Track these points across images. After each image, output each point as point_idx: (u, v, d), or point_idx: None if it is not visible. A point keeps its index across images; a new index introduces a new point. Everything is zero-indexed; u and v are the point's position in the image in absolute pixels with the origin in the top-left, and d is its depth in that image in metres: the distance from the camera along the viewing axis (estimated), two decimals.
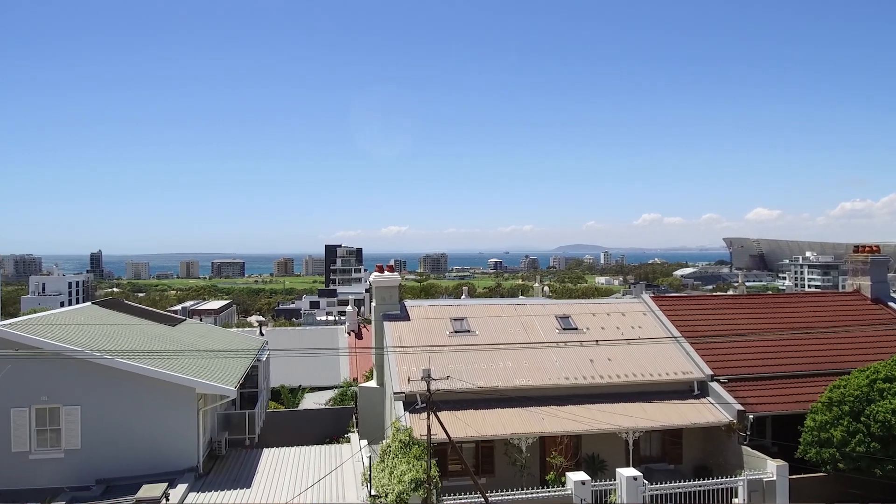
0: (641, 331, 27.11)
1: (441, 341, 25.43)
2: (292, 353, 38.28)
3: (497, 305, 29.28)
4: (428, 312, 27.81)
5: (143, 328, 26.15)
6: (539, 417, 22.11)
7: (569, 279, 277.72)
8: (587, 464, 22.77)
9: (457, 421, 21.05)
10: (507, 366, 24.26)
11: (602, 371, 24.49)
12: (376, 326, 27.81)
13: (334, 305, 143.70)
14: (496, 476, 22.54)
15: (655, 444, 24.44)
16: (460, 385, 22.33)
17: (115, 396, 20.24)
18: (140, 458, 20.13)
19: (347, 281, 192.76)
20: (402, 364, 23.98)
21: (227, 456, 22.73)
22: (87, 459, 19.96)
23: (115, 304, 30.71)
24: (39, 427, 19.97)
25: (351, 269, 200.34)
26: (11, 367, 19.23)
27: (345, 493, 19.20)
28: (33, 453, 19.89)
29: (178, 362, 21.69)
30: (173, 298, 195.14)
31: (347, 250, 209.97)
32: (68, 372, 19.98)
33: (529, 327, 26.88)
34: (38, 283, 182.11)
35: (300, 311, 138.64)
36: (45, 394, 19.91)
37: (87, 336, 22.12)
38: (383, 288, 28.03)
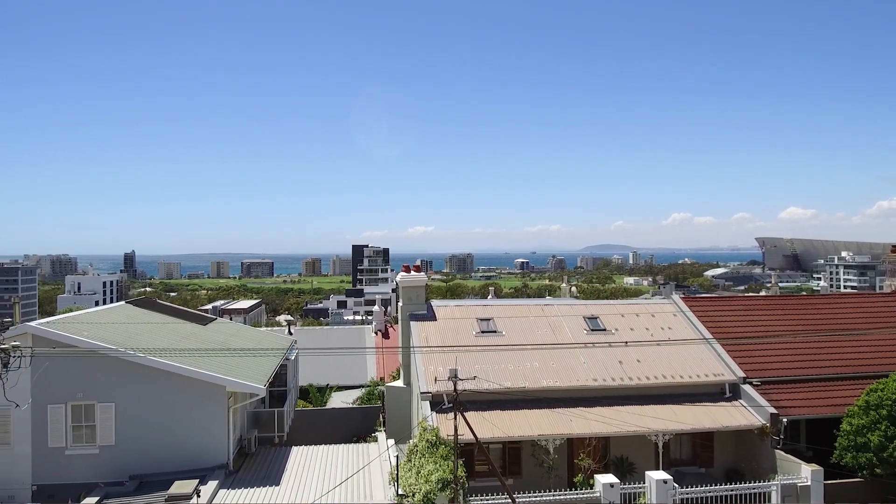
0: (671, 332, 26.74)
1: (468, 341, 25.40)
2: (320, 353, 38.61)
3: (524, 306, 29.18)
4: (454, 312, 27.82)
5: (175, 327, 26.61)
6: (567, 419, 21.95)
7: (597, 279, 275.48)
8: (616, 466, 22.53)
9: (483, 421, 21.02)
10: (535, 366, 24.13)
11: (631, 372, 24.21)
12: (403, 326, 27.90)
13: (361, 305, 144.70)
14: (523, 477, 22.44)
15: (686, 447, 24.08)
16: (487, 385, 22.27)
17: (148, 394, 20.64)
18: (172, 455, 20.49)
19: (374, 281, 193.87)
20: (428, 364, 24.02)
21: (256, 453, 23.01)
22: (121, 455, 20.39)
23: (148, 303, 31.31)
24: (75, 423, 20.47)
25: (377, 269, 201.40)
26: (48, 364, 19.70)
27: (372, 492, 19.29)
28: (69, 449, 20.39)
29: (209, 361, 22.04)
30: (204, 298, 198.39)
31: (374, 250, 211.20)
32: (103, 370, 20.42)
33: (557, 328, 26.70)
34: (74, 282, 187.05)
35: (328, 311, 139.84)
36: (81, 391, 20.39)
37: (121, 335, 22.59)
38: (410, 288, 28.12)
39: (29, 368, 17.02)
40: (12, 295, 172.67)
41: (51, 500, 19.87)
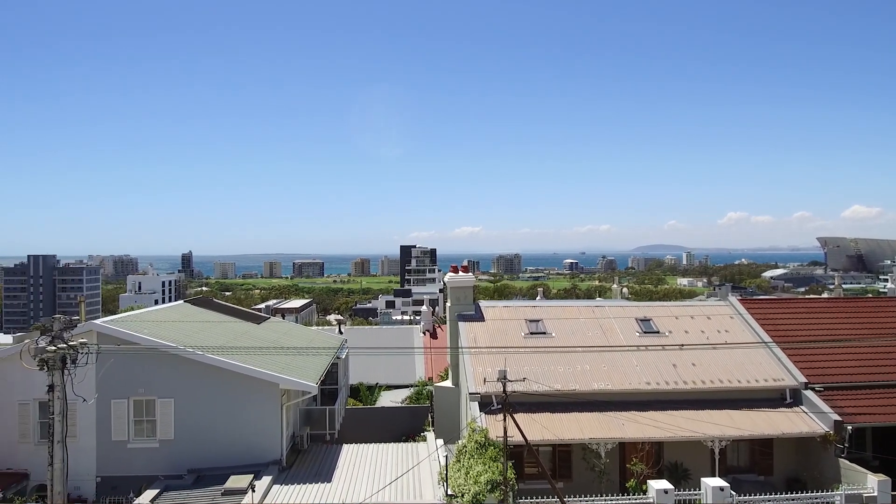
0: (728, 335, 25.98)
1: (516, 343, 25.27)
2: (370, 352, 39.07)
3: (574, 307, 28.83)
4: (503, 313, 27.71)
5: (230, 325, 27.37)
6: (619, 423, 21.58)
7: (648, 280, 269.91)
8: (670, 472, 22.03)
9: (533, 423, 20.88)
10: (585, 369, 23.82)
11: (686, 376, 23.63)
12: (451, 327, 27.96)
13: (409, 305, 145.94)
14: (573, 481, 22.17)
15: (743, 453, 23.35)
16: (536, 387, 22.11)
17: (206, 390, 21.30)
18: (227, 450, 21.09)
19: (422, 281, 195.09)
20: (477, 365, 24.00)
21: (308, 450, 23.44)
22: (180, 449, 21.10)
23: (205, 302, 32.32)
24: (137, 418, 21.30)
25: (425, 270, 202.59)
26: (112, 360, 20.53)
27: (422, 492, 19.39)
28: (131, 442, 21.22)
29: (263, 359, 22.59)
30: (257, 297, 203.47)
31: (422, 251, 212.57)
32: (163, 366, 21.18)
33: (608, 330, 26.29)
34: (135, 282, 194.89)
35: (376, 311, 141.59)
36: (142, 386, 21.20)
37: (179, 332, 23.38)
38: (458, 288, 28.16)
39: (94, 365, 17.76)
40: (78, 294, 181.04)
41: (114, 491, 20.72)
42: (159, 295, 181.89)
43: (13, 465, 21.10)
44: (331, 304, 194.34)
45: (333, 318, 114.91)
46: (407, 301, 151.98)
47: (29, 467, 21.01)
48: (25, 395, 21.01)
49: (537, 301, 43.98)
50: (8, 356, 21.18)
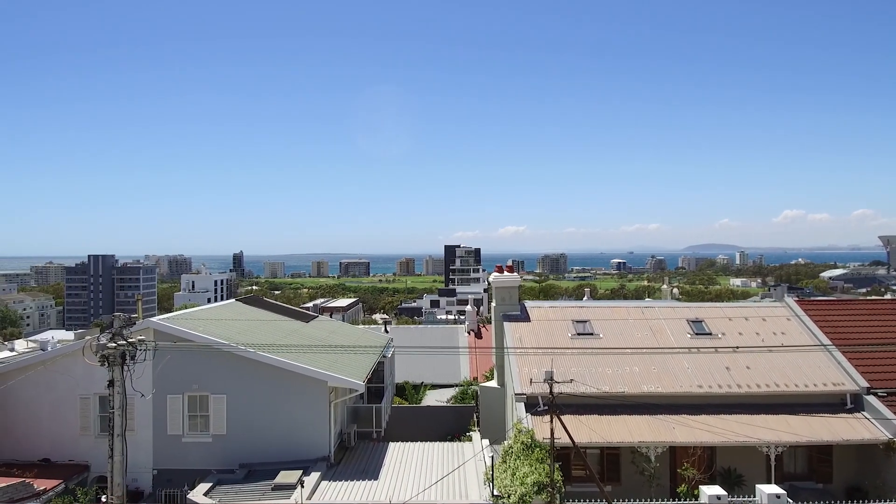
0: (785, 337, 25.13)
1: (563, 343, 25.01)
2: (415, 351, 39.30)
3: (622, 307, 28.35)
4: (549, 314, 27.47)
5: (280, 324, 27.96)
6: (669, 426, 21.12)
7: (700, 281, 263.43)
8: (723, 478, 21.44)
9: (580, 425, 20.63)
10: (634, 371, 23.39)
11: (740, 380, 22.96)
12: (496, 326, 27.87)
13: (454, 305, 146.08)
14: (622, 485, 21.81)
15: (801, 460, 22.55)
16: (584, 389, 21.82)
17: (256, 387, 21.80)
18: (277, 446, 21.54)
19: (466, 281, 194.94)
20: (523, 365, 23.85)
21: (355, 447, 23.73)
22: (232, 444, 21.66)
23: (256, 300, 33.09)
24: (191, 413, 21.96)
25: (469, 269, 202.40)
26: (167, 357, 21.21)
27: (467, 492, 19.39)
28: (186, 436, 21.89)
29: (312, 357, 22.98)
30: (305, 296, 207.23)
31: (466, 250, 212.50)
32: (216, 363, 21.78)
33: (658, 331, 25.76)
34: (189, 281, 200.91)
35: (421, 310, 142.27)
36: (196, 382, 21.84)
37: (231, 330, 24.01)
38: (503, 288, 28.05)
39: (151, 361, 18.37)
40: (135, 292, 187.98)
41: (169, 484, 21.40)
42: (212, 293, 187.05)
43: (74, 456, 22.02)
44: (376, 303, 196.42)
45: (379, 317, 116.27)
46: (451, 301, 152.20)
47: (89, 459, 21.90)
48: (86, 389, 21.90)
49: (584, 301, 43.43)
50: (70, 352, 22.14)
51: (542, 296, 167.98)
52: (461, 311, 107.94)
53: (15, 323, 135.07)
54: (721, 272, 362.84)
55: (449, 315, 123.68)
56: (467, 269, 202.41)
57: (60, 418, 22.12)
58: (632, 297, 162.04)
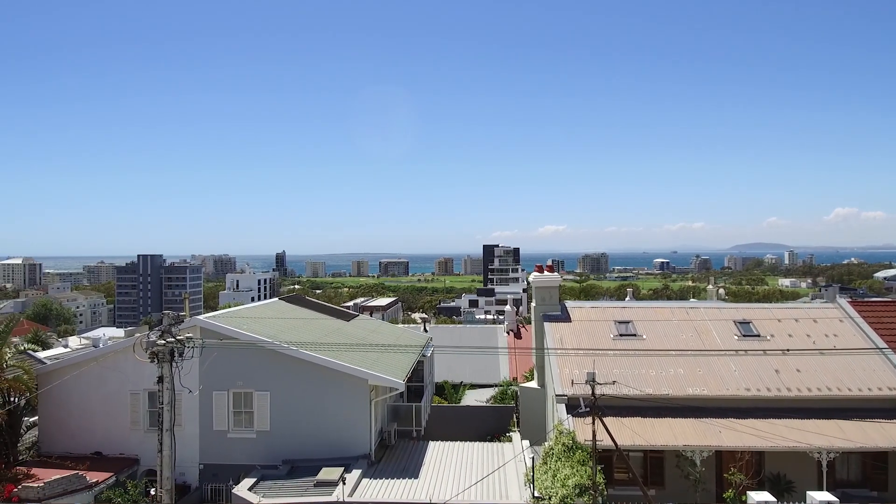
0: (837, 340, 24.28)
1: (605, 344, 24.68)
2: (454, 350, 39.33)
3: (666, 308, 27.80)
4: (590, 314, 27.14)
5: (322, 322, 28.37)
6: (715, 430, 20.63)
7: (747, 281, 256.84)
8: (771, 483, 20.84)
9: (623, 428, 20.32)
10: (679, 373, 22.93)
11: (789, 383, 22.28)
12: (536, 327, 27.68)
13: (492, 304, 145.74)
14: (666, 489, 21.41)
15: (854, 467, 21.75)
16: (627, 391, 21.51)
17: (300, 384, 22.15)
18: (319, 443, 21.85)
19: (505, 280, 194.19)
20: (563, 366, 23.63)
21: (395, 446, 23.90)
22: (275, 441, 22.07)
23: (298, 299, 33.64)
24: (236, 409, 22.46)
25: (508, 269, 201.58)
26: (214, 354, 21.72)
27: (508, 492, 19.33)
28: (231, 432, 22.39)
29: (353, 355, 23.24)
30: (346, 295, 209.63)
31: (505, 250, 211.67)
32: (259, 360, 22.22)
33: (703, 332, 25.20)
34: (234, 280, 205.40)
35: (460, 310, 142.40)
36: (241, 379, 22.32)
37: (274, 328, 24.46)
38: (543, 288, 27.82)
39: (198, 358, 18.83)
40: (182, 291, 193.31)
41: (214, 479, 21.93)
42: (255, 292, 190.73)
43: (125, 450, 22.77)
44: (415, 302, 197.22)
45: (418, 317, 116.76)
46: (490, 300, 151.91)
47: (139, 453, 22.61)
48: (136, 385, 22.61)
49: (626, 301, 42.74)
50: (122, 349, 22.89)
51: (582, 296, 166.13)
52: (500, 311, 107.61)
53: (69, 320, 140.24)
54: (769, 272, 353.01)
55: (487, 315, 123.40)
56: (506, 269, 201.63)
57: (112, 413, 22.89)
58: (676, 297, 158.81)
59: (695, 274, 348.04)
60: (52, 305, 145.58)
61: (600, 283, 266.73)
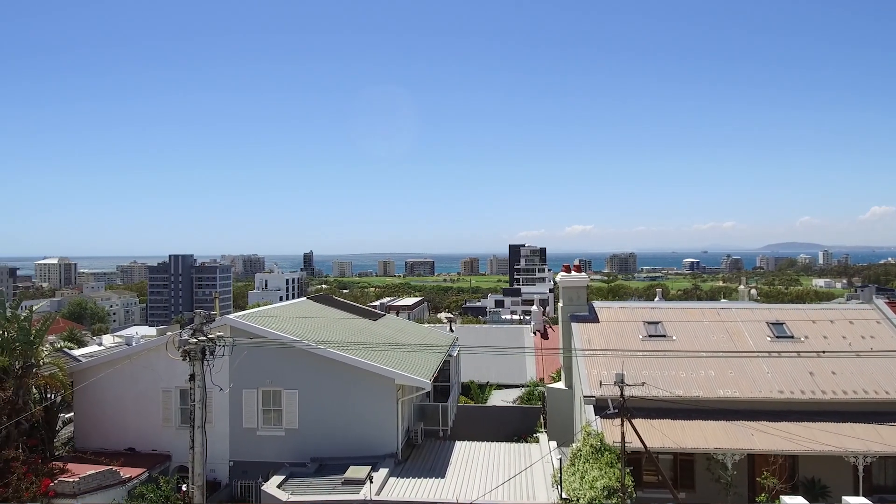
0: (874, 342, 23.69)
1: (633, 345, 24.42)
2: (480, 350, 39.28)
3: (696, 309, 27.40)
4: (618, 315, 26.88)
5: (349, 322, 28.56)
6: (747, 433, 20.28)
7: (779, 281, 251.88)
8: (805, 488, 20.41)
9: (652, 430, 20.10)
10: (710, 375, 22.59)
11: (824, 385, 21.80)
12: (563, 327, 27.50)
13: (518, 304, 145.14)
14: (696, 492, 21.12)
15: (892, 472, 21.19)
16: (656, 392, 21.27)
17: (327, 383, 22.34)
18: (347, 441, 22.00)
19: (531, 280, 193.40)
20: (591, 367, 23.44)
21: (422, 445, 23.96)
22: (303, 439, 22.28)
23: (325, 299, 33.94)
24: (265, 407, 22.72)
25: (534, 269, 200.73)
26: (244, 352, 22.01)
27: (535, 493, 19.24)
28: (260, 430, 22.67)
29: (379, 354, 23.35)
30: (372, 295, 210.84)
31: (531, 250, 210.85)
32: (288, 359, 22.45)
33: (735, 334, 24.78)
34: (262, 279, 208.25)
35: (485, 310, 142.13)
36: (270, 378, 22.58)
37: (302, 327, 24.69)
38: (570, 288, 27.64)
39: (228, 356, 19.07)
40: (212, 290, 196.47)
41: (244, 476, 22.23)
42: (283, 292, 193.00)
43: (157, 446, 23.21)
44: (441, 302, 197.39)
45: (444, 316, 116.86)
46: (516, 300, 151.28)
47: (171, 449, 23.03)
48: (168, 383, 23.03)
49: (656, 302, 42.23)
50: (154, 347, 23.33)
51: (610, 296, 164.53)
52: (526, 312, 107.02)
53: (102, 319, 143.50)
54: (803, 272, 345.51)
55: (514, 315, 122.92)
56: (532, 269, 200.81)
57: (144, 410, 23.34)
58: (706, 298, 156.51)
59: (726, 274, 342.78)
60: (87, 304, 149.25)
61: (628, 283, 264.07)
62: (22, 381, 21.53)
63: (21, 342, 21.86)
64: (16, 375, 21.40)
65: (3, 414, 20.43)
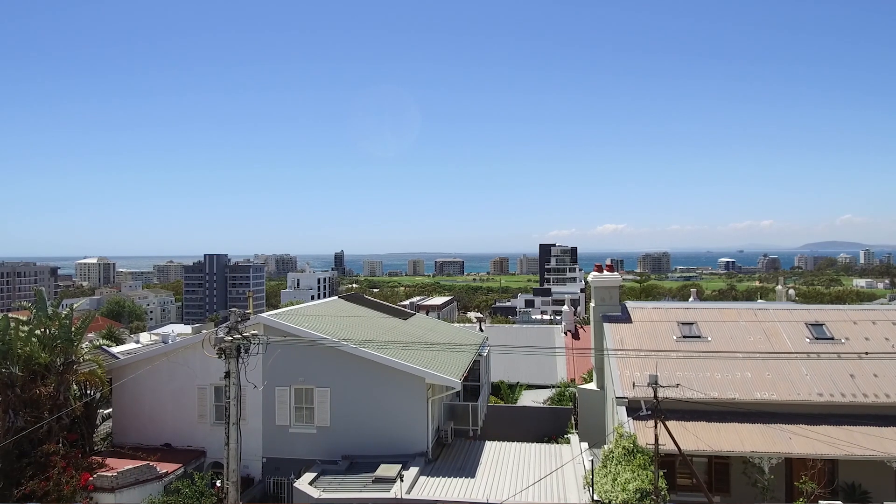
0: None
1: (667, 346, 24.07)
2: (511, 350, 39.16)
3: (732, 309, 26.87)
4: (652, 315, 26.52)
5: (380, 321, 28.75)
6: (785, 436, 19.83)
7: (818, 281, 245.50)
8: (846, 493, 19.88)
9: (686, 433, 19.78)
10: (746, 377, 22.16)
11: (866, 388, 21.20)
12: (595, 328, 27.25)
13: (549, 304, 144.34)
14: (731, 496, 20.74)
15: None
16: (691, 394, 20.94)
17: (358, 381, 22.53)
18: (377, 440, 22.16)
19: (562, 280, 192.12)
20: (624, 368, 23.18)
21: (452, 445, 24.00)
22: (335, 436, 22.51)
23: (356, 298, 34.21)
24: (297, 405, 23.02)
25: (565, 269, 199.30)
26: (278, 350, 22.34)
27: (566, 495, 19.12)
28: (292, 427, 22.97)
29: (410, 353, 23.46)
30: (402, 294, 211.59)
31: (562, 249, 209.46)
32: (320, 358, 22.71)
33: (773, 335, 24.25)
34: (294, 279, 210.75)
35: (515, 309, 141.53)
36: (302, 376, 22.87)
37: (334, 326, 24.95)
38: (602, 288, 27.37)
39: (262, 354, 19.40)
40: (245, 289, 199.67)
41: (277, 472, 22.56)
42: (315, 291, 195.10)
43: (192, 442, 23.70)
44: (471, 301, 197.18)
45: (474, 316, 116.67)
46: (546, 300, 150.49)
47: (205, 445, 23.48)
48: (203, 380, 23.49)
49: (690, 302, 41.57)
50: (190, 345, 23.83)
51: (643, 296, 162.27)
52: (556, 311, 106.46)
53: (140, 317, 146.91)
54: (843, 272, 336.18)
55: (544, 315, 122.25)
56: (563, 269, 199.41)
57: (180, 407, 23.85)
58: (742, 298, 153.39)
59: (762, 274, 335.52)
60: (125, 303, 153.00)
61: (662, 283, 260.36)
62: (63, 378, 22.18)
63: (62, 339, 22.51)
64: (57, 372, 22.05)
65: (45, 409, 21.10)
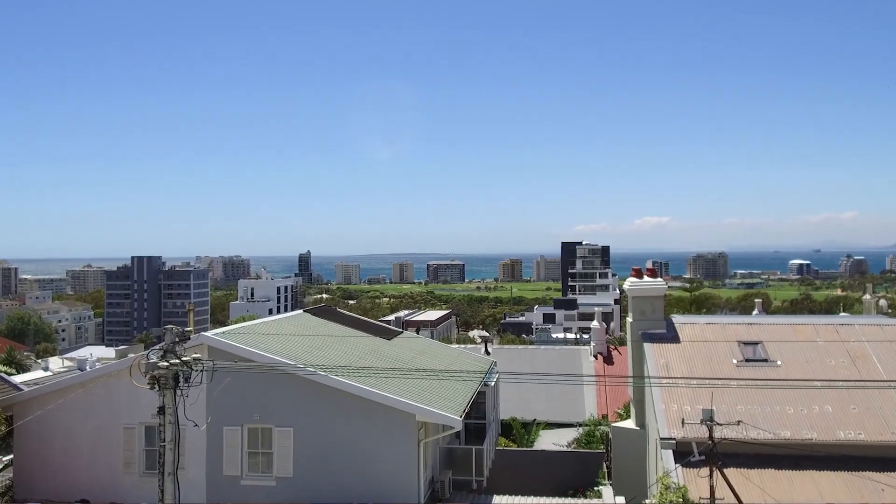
0: None
1: (725, 373, 24.21)
2: (525, 379, 39.29)
3: (808, 325, 27.05)
4: (705, 332, 26.68)
5: (357, 341, 28.77)
6: (877, 487, 20.00)
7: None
8: None
9: (749, 483, 19.95)
10: (826, 411, 22.30)
11: None
12: (634, 349, 27.39)
13: (574, 320, 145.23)
14: None
15: None
16: (755, 434, 21.05)
17: (329, 419, 22.51)
18: (354, 493, 22.12)
19: (590, 288, 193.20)
20: (670, 401, 23.30)
21: (451, 500, 24.01)
22: (299, 489, 22.46)
23: (327, 312, 34.26)
24: (251, 449, 22.98)
25: (595, 274, 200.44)
26: (226, 379, 22.28)
27: None
28: (245, 478, 22.91)
29: (396, 382, 23.48)
30: (386, 307, 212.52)
31: (590, 249, 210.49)
32: (281, 389, 22.68)
33: (860, 358, 24.42)
34: (247, 287, 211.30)
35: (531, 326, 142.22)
36: (258, 412, 22.82)
37: (299, 348, 24.95)
38: (642, 298, 27.51)
39: (206, 384, 19.31)
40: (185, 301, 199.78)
41: None
42: (274, 303, 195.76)
43: (116, 497, 23.52)
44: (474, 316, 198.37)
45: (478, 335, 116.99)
46: (571, 314, 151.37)
47: (133, 501, 23.35)
48: (131, 418, 23.41)
49: (754, 316, 41.71)
50: (115, 372, 23.74)
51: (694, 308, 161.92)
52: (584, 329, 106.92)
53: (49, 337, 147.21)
54: None
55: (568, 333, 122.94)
56: (592, 273, 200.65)
57: (101, 452, 23.77)
58: (820, 311, 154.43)
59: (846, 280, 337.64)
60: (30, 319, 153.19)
61: (718, 291, 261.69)
62: None
63: None
64: None
65: None
